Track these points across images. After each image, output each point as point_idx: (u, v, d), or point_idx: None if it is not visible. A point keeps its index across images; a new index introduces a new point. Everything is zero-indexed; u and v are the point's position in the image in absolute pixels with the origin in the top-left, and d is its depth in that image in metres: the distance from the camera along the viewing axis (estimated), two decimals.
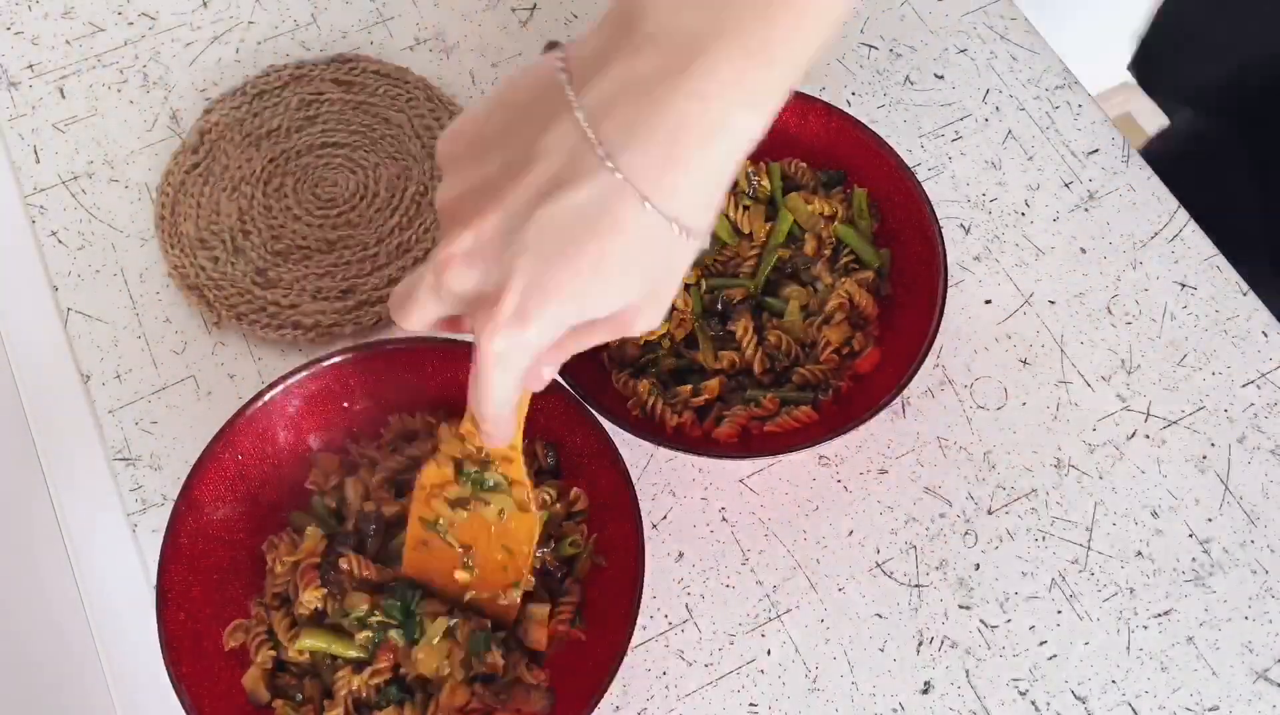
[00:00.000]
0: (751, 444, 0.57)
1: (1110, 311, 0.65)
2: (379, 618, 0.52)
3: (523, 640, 0.53)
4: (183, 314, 0.66)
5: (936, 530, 0.60)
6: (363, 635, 0.52)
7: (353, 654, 0.52)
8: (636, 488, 0.54)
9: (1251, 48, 0.79)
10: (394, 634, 0.52)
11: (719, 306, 0.61)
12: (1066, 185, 0.69)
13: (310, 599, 0.52)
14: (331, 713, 0.51)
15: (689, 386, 0.58)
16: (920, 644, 0.57)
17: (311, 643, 0.52)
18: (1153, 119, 1.57)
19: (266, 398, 0.55)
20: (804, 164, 0.64)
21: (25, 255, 0.68)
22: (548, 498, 0.55)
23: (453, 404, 0.58)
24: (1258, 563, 0.59)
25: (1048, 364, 0.64)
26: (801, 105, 0.63)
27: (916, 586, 0.59)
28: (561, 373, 0.55)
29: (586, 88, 0.37)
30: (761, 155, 0.65)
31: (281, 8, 0.77)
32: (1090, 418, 0.63)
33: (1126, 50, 1.50)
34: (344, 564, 0.52)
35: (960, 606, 0.58)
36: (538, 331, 0.38)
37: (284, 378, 0.55)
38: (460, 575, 0.52)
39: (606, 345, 0.60)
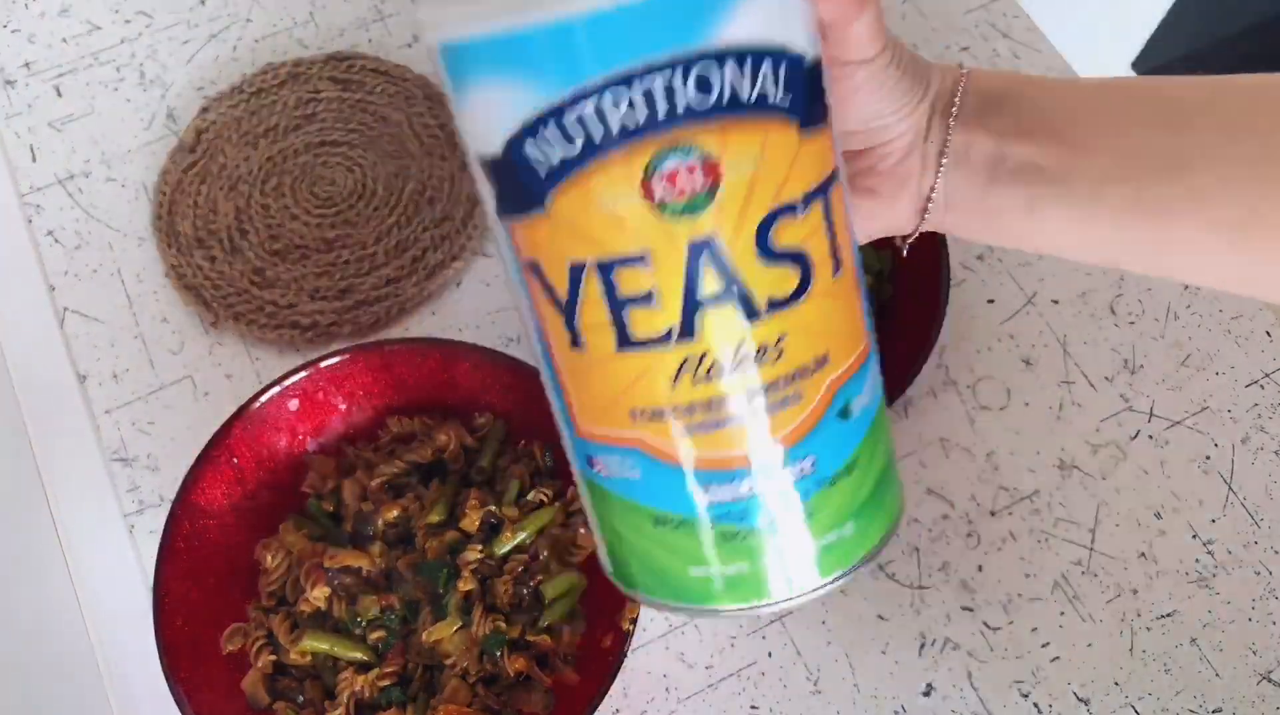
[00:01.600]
0: None
1: (1114, 311, 0.65)
2: (397, 610, 0.52)
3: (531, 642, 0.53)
4: (180, 314, 0.66)
5: (939, 532, 0.59)
6: (375, 635, 0.52)
7: (357, 655, 0.52)
8: None
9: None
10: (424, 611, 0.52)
11: None
12: None
13: (318, 596, 0.52)
14: (333, 713, 0.51)
15: None
16: (922, 646, 0.57)
17: (315, 645, 0.52)
18: None
19: (264, 399, 0.54)
20: None
21: (22, 255, 0.68)
22: (544, 498, 0.55)
23: (451, 405, 0.58)
24: (1261, 564, 0.58)
25: (1051, 364, 0.64)
26: None
27: (919, 588, 0.58)
28: None
29: None
30: None
31: (279, 5, 0.76)
32: (1093, 418, 0.62)
33: (1129, 48, 1.50)
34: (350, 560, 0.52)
35: (963, 608, 0.58)
36: None
37: (281, 378, 0.55)
38: None
39: None
